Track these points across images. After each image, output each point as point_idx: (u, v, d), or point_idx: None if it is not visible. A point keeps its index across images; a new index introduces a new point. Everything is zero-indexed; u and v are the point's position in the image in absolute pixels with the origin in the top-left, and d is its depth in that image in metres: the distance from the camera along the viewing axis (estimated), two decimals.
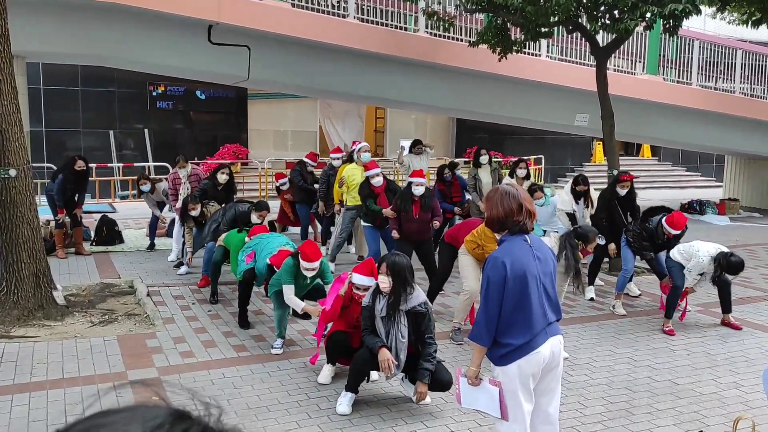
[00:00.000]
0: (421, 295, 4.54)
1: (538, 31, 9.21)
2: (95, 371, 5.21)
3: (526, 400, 3.26)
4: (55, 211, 9.34)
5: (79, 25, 9.64)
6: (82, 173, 9.32)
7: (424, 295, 4.60)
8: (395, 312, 4.47)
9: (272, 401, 4.76)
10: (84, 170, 9.32)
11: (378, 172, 7.94)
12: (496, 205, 3.29)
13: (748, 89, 15.40)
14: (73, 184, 9.26)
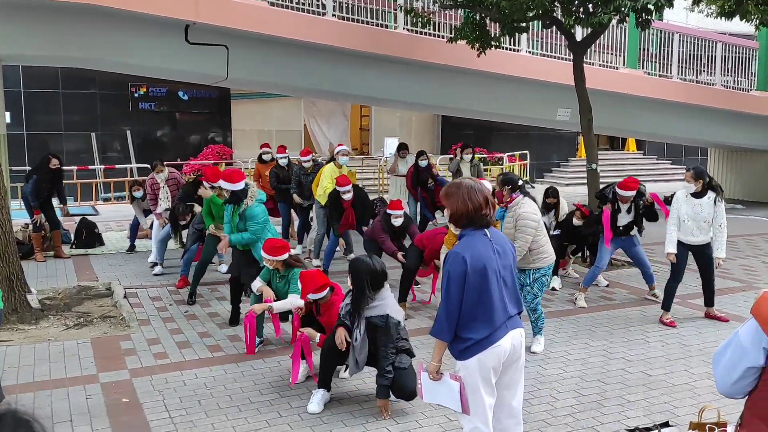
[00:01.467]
0: (385, 307, 4.40)
1: (514, 26, 9.22)
2: (66, 374, 5.18)
3: (487, 393, 3.26)
4: (31, 213, 9.25)
5: (53, 26, 9.56)
6: (57, 172, 9.22)
7: (390, 308, 4.43)
8: (355, 315, 4.46)
9: (244, 401, 4.74)
10: (59, 169, 9.23)
11: (349, 189, 8.09)
12: (464, 200, 3.26)
13: (728, 82, 15.49)
14: (49, 183, 9.16)
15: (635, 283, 8.22)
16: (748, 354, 2.05)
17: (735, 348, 2.11)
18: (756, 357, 2.05)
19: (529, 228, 5.42)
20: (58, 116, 16.60)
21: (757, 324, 2.04)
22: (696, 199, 6.33)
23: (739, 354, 2.08)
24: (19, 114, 16.16)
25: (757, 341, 2.03)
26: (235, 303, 6.47)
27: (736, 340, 2.11)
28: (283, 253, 5.48)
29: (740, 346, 2.08)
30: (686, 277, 7.18)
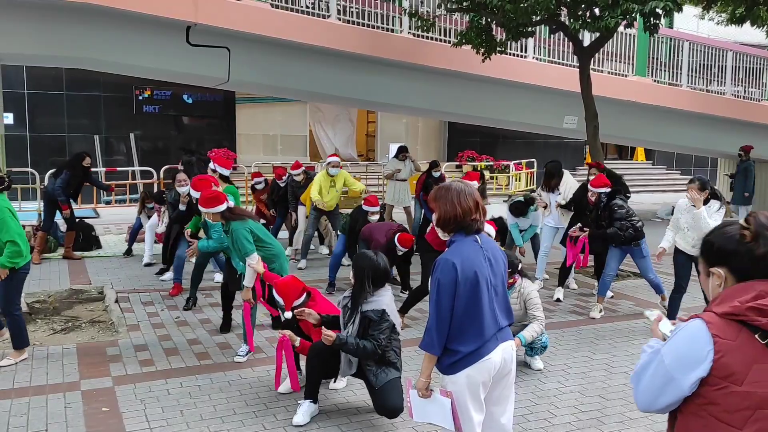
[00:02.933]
0: (381, 303, 4.27)
1: (520, 31, 9.05)
2: (47, 381, 5.01)
3: (476, 410, 3.06)
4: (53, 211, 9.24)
5: (54, 26, 9.46)
6: (88, 170, 9.46)
7: (386, 304, 4.29)
8: (353, 309, 4.31)
9: (228, 411, 4.56)
10: (89, 167, 9.48)
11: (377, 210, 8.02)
12: (452, 203, 3.07)
13: (739, 91, 15.25)
14: (79, 180, 9.32)
15: (641, 294, 8.00)
16: (674, 382, 1.89)
17: (657, 372, 1.93)
18: (683, 386, 1.88)
19: (540, 304, 5.37)
20: (62, 118, 16.54)
21: (689, 348, 1.86)
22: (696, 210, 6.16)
23: (662, 380, 1.92)
24: (23, 115, 16.11)
25: (688, 368, 1.86)
26: (227, 310, 6.30)
27: (658, 362, 1.93)
28: (217, 205, 5.22)
29: (664, 372, 1.91)
30: (693, 289, 6.97)
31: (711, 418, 1.87)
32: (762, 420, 1.83)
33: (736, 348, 1.83)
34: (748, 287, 1.89)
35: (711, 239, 2.03)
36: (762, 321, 1.82)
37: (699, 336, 1.86)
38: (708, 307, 1.95)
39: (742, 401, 1.83)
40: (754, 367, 1.82)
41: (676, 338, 1.92)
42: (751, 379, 1.82)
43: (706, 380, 1.85)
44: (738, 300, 1.86)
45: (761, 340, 1.83)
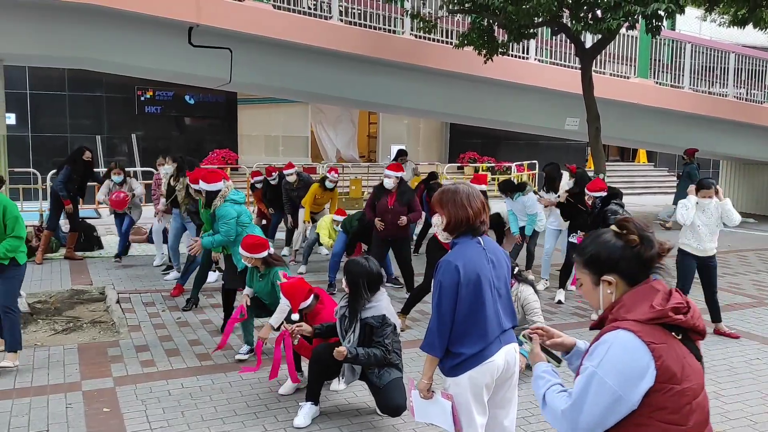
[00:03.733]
0: (380, 308, 4.24)
1: (522, 32, 9.04)
2: (49, 381, 5.01)
3: (479, 412, 3.06)
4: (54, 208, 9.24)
5: (56, 27, 9.47)
6: (89, 165, 9.37)
7: (385, 308, 4.27)
8: (352, 318, 4.29)
9: (229, 413, 4.55)
10: (91, 161, 9.40)
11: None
12: (463, 206, 3.05)
13: (741, 93, 15.23)
14: (80, 175, 9.26)
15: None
16: (624, 399, 1.89)
17: (600, 394, 1.90)
18: (633, 401, 1.89)
19: (538, 307, 5.30)
20: (64, 118, 16.57)
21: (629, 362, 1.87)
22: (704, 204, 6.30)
23: (609, 401, 1.90)
24: (25, 116, 16.14)
25: (634, 381, 1.87)
26: (228, 311, 6.29)
27: (598, 384, 1.90)
28: (261, 251, 5.28)
29: (610, 392, 1.89)
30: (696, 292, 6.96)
31: (658, 424, 1.89)
32: (697, 410, 1.92)
33: (669, 349, 1.89)
34: (649, 289, 1.98)
35: (595, 251, 2.07)
36: (681, 319, 1.91)
37: (635, 347, 1.88)
38: (616, 316, 1.97)
39: (683, 398, 1.89)
40: (683, 363, 1.90)
41: (610, 356, 1.90)
42: (685, 375, 1.90)
43: (653, 388, 1.88)
44: (653, 303, 1.93)
45: (677, 337, 1.93)
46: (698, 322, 1.97)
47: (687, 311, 1.94)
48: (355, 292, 4.25)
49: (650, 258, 2.01)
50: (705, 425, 1.97)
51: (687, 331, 1.96)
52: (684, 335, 1.95)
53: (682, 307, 1.94)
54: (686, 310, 1.94)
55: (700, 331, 1.98)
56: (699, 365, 1.97)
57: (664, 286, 2.00)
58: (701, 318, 1.98)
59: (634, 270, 2.01)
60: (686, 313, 1.94)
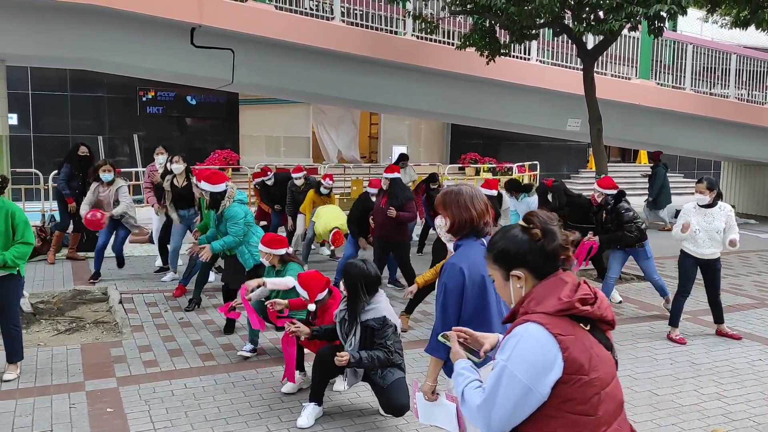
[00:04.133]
0: (380, 310, 4.25)
1: (523, 33, 9.05)
2: (52, 381, 5.02)
3: None
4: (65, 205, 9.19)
5: (58, 27, 9.47)
6: (86, 159, 9.23)
7: (385, 310, 4.28)
8: (352, 321, 4.29)
9: (232, 413, 4.56)
10: (87, 156, 9.26)
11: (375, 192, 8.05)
12: (466, 207, 3.05)
13: (743, 94, 15.23)
14: (79, 171, 9.15)
15: (644, 297, 8.00)
16: (534, 392, 1.89)
17: (511, 388, 1.91)
18: (543, 393, 1.90)
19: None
20: (66, 119, 16.59)
21: (538, 354, 1.89)
22: (707, 209, 6.19)
23: (520, 394, 1.90)
24: (27, 116, 16.15)
25: (543, 373, 1.88)
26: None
27: (509, 378, 1.91)
28: (281, 248, 5.32)
29: (520, 385, 1.90)
30: (698, 293, 6.97)
31: (568, 415, 1.90)
32: (605, 400, 1.93)
33: (576, 341, 1.90)
34: (559, 282, 1.99)
35: (504, 246, 2.09)
36: (588, 310, 1.93)
37: (542, 340, 1.89)
38: (526, 309, 1.98)
39: (591, 388, 1.90)
40: (591, 354, 1.91)
41: (520, 349, 1.91)
42: (593, 366, 1.91)
43: (561, 379, 1.88)
44: (561, 296, 1.95)
45: (585, 327, 1.95)
46: (606, 312, 1.99)
47: (594, 302, 1.96)
48: (354, 294, 4.25)
49: (554, 250, 2.02)
50: (617, 415, 1.97)
51: (595, 322, 1.97)
52: (593, 326, 1.97)
53: (589, 297, 1.96)
54: (593, 301, 1.96)
55: (608, 321, 2.00)
56: (608, 355, 1.98)
57: (572, 278, 2.01)
58: (609, 308, 2.00)
59: (540, 263, 2.03)
60: (593, 303, 1.96)
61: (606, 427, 1.93)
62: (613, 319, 2.01)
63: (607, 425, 1.93)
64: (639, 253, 7.03)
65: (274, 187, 9.85)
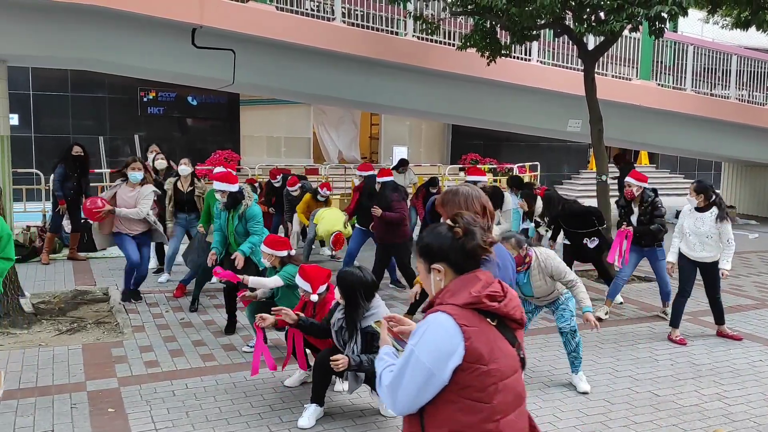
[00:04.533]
0: (379, 315, 4.22)
1: (524, 34, 9.05)
2: (53, 381, 5.02)
3: None
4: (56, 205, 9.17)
5: (59, 28, 9.47)
6: (81, 159, 9.20)
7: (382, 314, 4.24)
8: (351, 328, 4.28)
9: (233, 413, 4.57)
10: (81, 156, 9.21)
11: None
12: (460, 208, 3.09)
13: (743, 95, 15.22)
14: (74, 171, 9.12)
15: (645, 298, 8.00)
16: (436, 376, 2.02)
17: (415, 371, 2.04)
18: (444, 378, 2.03)
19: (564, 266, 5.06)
20: (67, 119, 16.60)
21: (441, 342, 2.02)
22: (698, 213, 6.22)
23: (423, 377, 2.03)
24: (28, 116, 16.17)
25: (444, 360, 2.02)
26: (231, 312, 6.31)
27: (414, 362, 2.04)
28: (284, 249, 5.36)
29: (423, 369, 2.03)
30: (698, 294, 6.97)
31: (465, 401, 2.04)
32: (502, 390, 2.07)
33: (480, 332, 2.05)
34: (473, 278, 2.14)
35: (428, 241, 2.22)
36: (494, 306, 2.09)
37: (448, 328, 2.03)
38: (441, 300, 2.13)
39: (489, 378, 2.04)
40: (493, 346, 2.06)
41: (427, 336, 2.05)
42: (493, 357, 2.05)
43: (461, 367, 2.02)
44: (471, 290, 2.09)
45: (492, 322, 2.09)
46: (513, 311, 2.13)
47: (502, 299, 2.11)
48: (353, 302, 4.24)
49: (472, 249, 2.16)
50: (514, 406, 2.11)
51: (504, 319, 2.12)
52: (501, 322, 2.11)
53: (498, 295, 2.11)
54: (501, 299, 2.11)
55: (516, 320, 2.15)
56: (512, 351, 2.11)
57: (488, 276, 2.16)
58: (518, 308, 2.15)
59: (459, 260, 2.16)
60: (500, 301, 2.11)
61: (501, 415, 2.07)
62: (522, 318, 2.16)
63: (503, 414, 2.07)
64: (656, 253, 7.00)
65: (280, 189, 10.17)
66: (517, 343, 2.16)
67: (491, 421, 2.06)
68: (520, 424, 2.15)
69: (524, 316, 2.19)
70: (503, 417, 2.07)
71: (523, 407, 2.18)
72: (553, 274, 5.04)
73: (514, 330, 2.16)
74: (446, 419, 2.06)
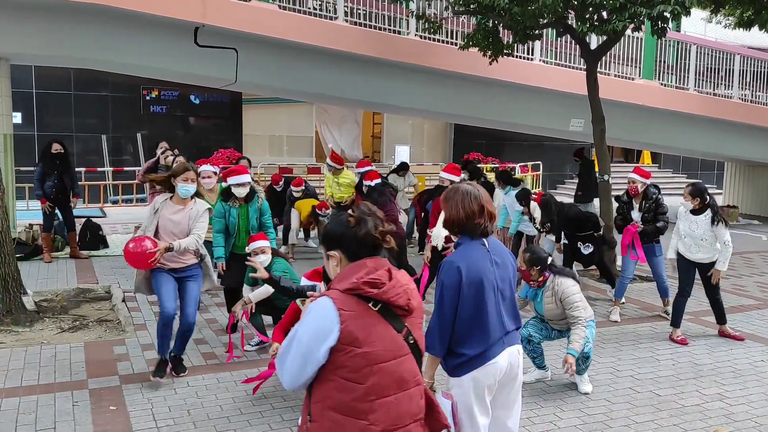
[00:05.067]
0: None
1: (527, 33, 9.04)
2: (55, 379, 5.04)
3: (481, 413, 3.07)
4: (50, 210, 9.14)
5: (62, 27, 9.50)
6: (60, 156, 9.04)
7: None
8: None
9: (234, 411, 4.58)
10: (61, 153, 9.06)
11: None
12: (456, 206, 3.10)
13: (746, 95, 15.19)
14: (54, 169, 8.98)
15: (647, 298, 7.99)
16: (313, 354, 2.17)
17: (297, 349, 2.19)
18: (319, 357, 2.17)
19: (579, 301, 4.90)
20: (69, 118, 16.62)
21: (319, 323, 2.17)
22: (693, 216, 6.23)
23: (303, 355, 2.19)
24: (31, 115, 16.19)
25: (321, 340, 2.16)
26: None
27: (297, 341, 2.20)
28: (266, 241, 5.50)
29: (303, 348, 2.18)
30: (700, 294, 6.96)
31: (340, 380, 2.19)
32: (377, 373, 2.19)
33: (356, 317, 2.18)
34: (361, 265, 2.25)
35: (329, 228, 2.37)
36: (373, 292, 2.19)
37: (327, 311, 2.18)
38: (331, 285, 2.26)
39: (363, 360, 2.17)
40: (371, 331, 2.19)
41: (309, 317, 2.22)
42: (369, 341, 2.17)
43: (336, 348, 2.16)
44: (355, 276, 2.21)
45: (374, 308, 2.20)
46: (396, 298, 2.22)
47: (382, 286, 2.20)
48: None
49: (363, 237, 2.26)
50: (394, 390, 2.22)
51: (388, 305, 2.22)
52: (386, 309, 2.21)
53: (378, 282, 2.20)
54: (381, 285, 2.20)
55: (401, 306, 2.24)
56: (394, 336, 2.22)
57: (376, 263, 2.26)
58: (403, 296, 2.23)
59: (353, 247, 2.28)
60: (381, 287, 2.20)
61: (376, 397, 2.19)
62: (406, 305, 2.24)
63: (377, 396, 2.19)
64: (653, 249, 7.00)
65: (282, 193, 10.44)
66: (405, 329, 2.26)
67: (365, 401, 2.18)
68: (403, 408, 2.25)
69: (410, 303, 2.26)
70: (378, 398, 2.19)
71: (411, 391, 2.27)
72: (563, 301, 4.91)
73: (402, 317, 2.26)
74: (325, 396, 2.21)
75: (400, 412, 2.25)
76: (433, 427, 2.41)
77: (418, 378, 2.34)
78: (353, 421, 2.20)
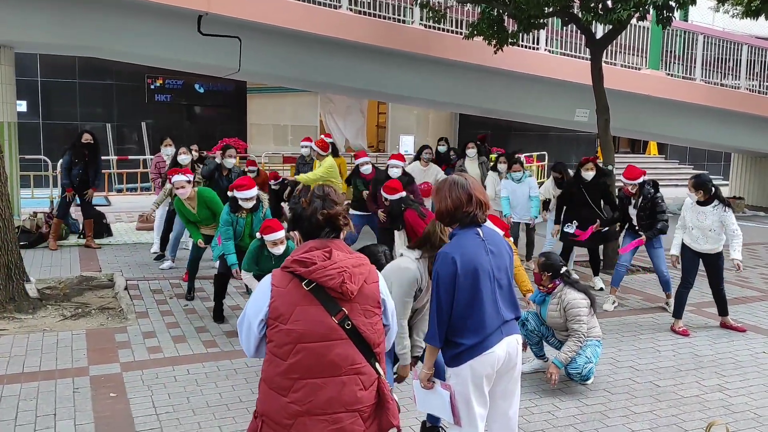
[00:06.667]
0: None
1: (531, 23, 8.98)
2: (57, 366, 5.07)
3: (479, 403, 3.07)
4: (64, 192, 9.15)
5: (66, 15, 9.50)
6: (90, 147, 9.06)
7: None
8: None
9: (234, 399, 4.60)
10: (91, 143, 9.07)
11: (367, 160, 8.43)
12: (444, 197, 3.10)
13: (754, 85, 15.07)
14: (81, 160, 9.00)
15: (649, 289, 7.97)
16: (252, 327, 2.34)
17: (243, 321, 2.38)
18: (254, 329, 2.34)
19: (583, 316, 4.84)
20: (74, 106, 16.64)
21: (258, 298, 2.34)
22: (700, 206, 6.18)
23: (246, 327, 2.37)
24: (36, 103, 16.21)
25: (256, 314, 2.33)
26: (219, 298, 6.33)
27: (244, 313, 2.39)
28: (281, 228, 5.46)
29: (246, 320, 2.37)
30: (702, 285, 6.95)
31: (269, 354, 2.33)
32: (301, 352, 2.27)
33: (285, 294, 2.29)
34: (306, 245, 2.37)
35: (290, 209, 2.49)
36: (301, 270, 2.28)
37: (264, 287, 2.34)
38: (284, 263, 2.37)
39: (287, 337, 2.27)
40: (297, 309, 2.27)
41: (255, 292, 2.40)
42: (293, 319, 2.26)
43: (266, 322, 2.31)
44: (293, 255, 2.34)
45: (306, 287, 2.28)
46: (325, 279, 2.27)
47: (311, 266, 2.27)
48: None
49: (309, 217, 2.36)
50: (321, 373, 2.27)
51: (322, 287, 2.28)
52: (319, 289, 2.28)
53: (309, 261, 2.28)
54: (310, 265, 2.27)
55: (333, 288, 2.28)
56: (323, 316, 2.28)
57: (318, 243, 2.35)
58: (333, 278, 2.27)
59: (305, 227, 2.40)
60: (309, 267, 2.27)
61: (298, 376, 2.27)
62: (337, 286, 2.28)
63: (300, 375, 2.26)
64: (653, 241, 6.98)
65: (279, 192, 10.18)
66: (341, 313, 2.30)
67: (286, 377, 2.27)
68: (331, 394, 2.27)
69: (344, 287, 2.28)
70: (301, 378, 2.26)
71: (344, 379, 2.30)
72: (567, 312, 4.85)
73: (338, 300, 2.30)
74: (263, 368, 2.37)
75: (329, 398, 2.27)
76: (381, 424, 2.39)
77: (358, 367, 2.32)
78: (276, 397, 2.29)
